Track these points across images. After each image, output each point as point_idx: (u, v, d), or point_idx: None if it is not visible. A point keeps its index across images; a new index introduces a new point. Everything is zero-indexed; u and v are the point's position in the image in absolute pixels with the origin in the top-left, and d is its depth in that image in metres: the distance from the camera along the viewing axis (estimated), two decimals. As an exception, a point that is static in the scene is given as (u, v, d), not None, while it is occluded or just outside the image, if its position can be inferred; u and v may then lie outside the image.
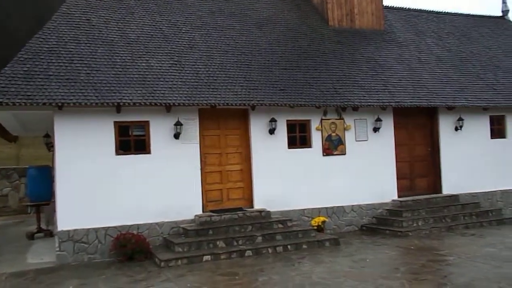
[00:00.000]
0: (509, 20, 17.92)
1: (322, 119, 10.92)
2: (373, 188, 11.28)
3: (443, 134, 12.40)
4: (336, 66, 11.98)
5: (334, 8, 13.22)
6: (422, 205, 11.33)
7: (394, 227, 10.51)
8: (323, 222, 10.10)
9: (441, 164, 12.31)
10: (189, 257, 7.99)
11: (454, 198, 11.96)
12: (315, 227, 9.91)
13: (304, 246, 8.93)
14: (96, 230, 8.77)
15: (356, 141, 11.27)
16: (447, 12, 16.68)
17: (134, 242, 8.42)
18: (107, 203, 8.82)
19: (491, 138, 13.12)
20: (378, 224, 11.04)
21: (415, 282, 6.62)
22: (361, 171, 11.18)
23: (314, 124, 10.87)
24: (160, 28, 10.89)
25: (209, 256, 8.11)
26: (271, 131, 10.28)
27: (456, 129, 12.48)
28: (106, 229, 8.82)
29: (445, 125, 12.43)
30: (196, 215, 9.42)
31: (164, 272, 7.61)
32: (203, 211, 9.62)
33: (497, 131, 13.29)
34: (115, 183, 8.92)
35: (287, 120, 10.56)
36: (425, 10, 16.15)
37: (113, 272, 7.81)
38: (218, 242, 8.57)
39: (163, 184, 9.25)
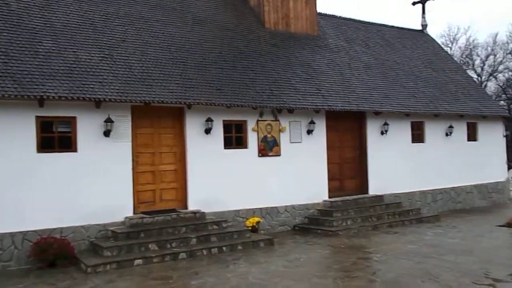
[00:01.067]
0: (428, 34, 19.40)
1: (258, 120, 10.95)
2: (305, 189, 11.53)
3: (370, 138, 13.04)
4: (272, 68, 12.10)
5: (271, 11, 13.36)
6: (351, 205, 11.80)
7: (325, 226, 10.83)
8: (258, 222, 10.12)
9: (368, 166, 12.93)
10: (119, 262, 7.56)
11: (379, 198, 12.61)
12: (250, 228, 9.90)
13: (239, 247, 8.87)
14: (12, 234, 7.98)
15: (291, 142, 11.45)
16: (374, 23, 17.64)
17: (57, 247, 7.77)
18: (26, 204, 8.06)
19: (412, 142, 14.05)
20: (310, 224, 11.30)
21: (347, 280, 6.83)
22: (295, 172, 11.38)
23: (251, 125, 10.87)
24: (89, 18, 10.25)
25: (140, 260, 7.73)
26: (207, 131, 10.10)
27: (382, 133, 13.19)
28: (24, 233, 8.06)
29: (372, 129, 13.07)
30: (126, 217, 8.95)
31: (91, 278, 7.11)
32: (134, 213, 9.17)
33: (417, 136, 14.26)
34: (36, 183, 8.19)
35: (223, 120, 10.45)
36: (354, 19, 16.93)
37: (31, 281, 7.15)
38: (150, 245, 8.21)
39: (90, 184, 8.67)
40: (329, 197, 11.98)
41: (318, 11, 14.80)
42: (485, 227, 11.16)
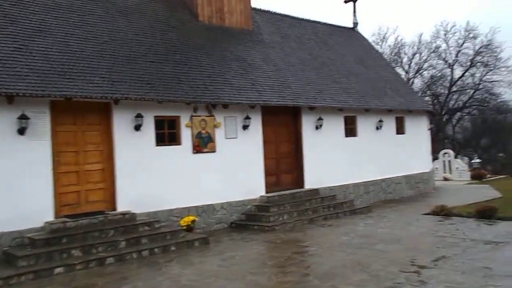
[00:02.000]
0: (359, 32, 20.06)
1: (192, 116, 10.62)
2: (242, 185, 11.40)
3: (306, 133, 13.18)
4: (206, 62, 11.80)
5: (204, 4, 13.04)
6: (287, 200, 11.85)
7: (262, 222, 10.77)
8: (193, 221, 9.81)
9: (304, 161, 13.06)
10: (37, 271, 6.92)
11: (314, 192, 12.79)
12: (185, 227, 9.57)
13: (173, 248, 8.53)
14: None
15: (226, 138, 11.25)
16: (308, 20, 17.89)
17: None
18: None
19: (345, 136, 14.41)
20: (247, 220, 11.19)
21: (281, 275, 6.78)
22: (231, 168, 11.20)
23: (184, 120, 10.52)
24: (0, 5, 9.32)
25: (61, 268, 7.13)
26: (137, 128, 9.61)
27: (317, 128, 13.38)
28: None
29: (307, 124, 13.21)
30: (46, 222, 8.25)
31: (4, 292, 6.46)
32: (55, 217, 8.47)
33: (350, 130, 14.66)
34: None
35: (155, 116, 10.00)
36: (289, 16, 17.05)
37: None
38: (73, 251, 7.62)
39: (2, 188, 7.87)
40: (266, 192, 11.94)
41: (252, 6, 14.71)
42: (412, 216, 11.69)
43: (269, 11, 16.22)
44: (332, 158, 13.70)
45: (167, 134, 10.29)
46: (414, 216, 11.62)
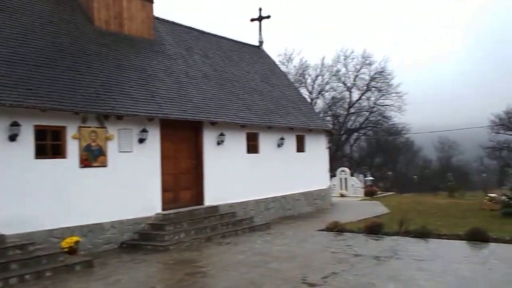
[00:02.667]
0: (264, 50, 20.54)
1: (80, 127, 9.73)
2: (136, 202, 10.69)
3: (207, 148, 12.90)
4: (100, 70, 11.00)
5: (101, 8, 12.23)
6: (184, 217, 11.38)
7: (156, 241, 10.16)
8: (76, 242, 8.88)
9: (204, 177, 12.74)
10: None
11: (214, 209, 12.51)
12: (67, 249, 8.62)
13: (48, 274, 7.58)
14: None
15: (120, 152, 10.51)
16: (214, 34, 17.85)
17: None
18: None
19: (247, 153, 14.43)
20: (140, 239, 10.49)
21: (169, 300, 6.32)
22: (124, 184, 10.45)
23: (71, 131, 9.59)
24: None
25: None
26: (12, 138, 8.51)
27: (218, 143, 13.18)
28: None
29: (208, 140, 12.96)
30: None
31: None
32: None
33: (252, 147, 14.73)
34: None
35: (35, 126, 8.96)
36: (194, 28, 16.83)
37: None
38: None
39: None
40: (163, 209, 11.36)
41: (156, 15, 14.22)
42: (308, 232, 11.95)
43: (173, 22, 15.83)
44: (233, 174, 13.58)
45: (49, 146, 9.28)
46: (310, 232, 11.89)
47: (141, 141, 10.94)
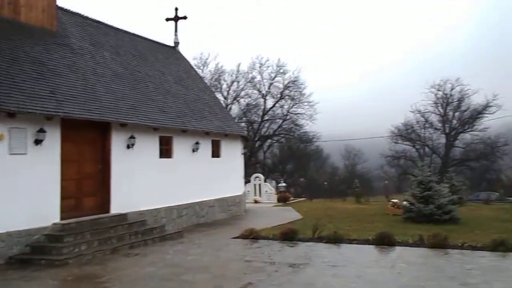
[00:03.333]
0: (179, 52, 19.86)
1: (-40, 124, 8.31)
2: (27, 210, 9.40)
3: (115, 151, 11.90)
4: (-12, 60, 9.57)
5: (-8, -10, 10.73)
6: (87, 227, 10.30)
7: (52, 255, 9.01)
8: (-50, 260, 7.49)
9: (111, 182, 11.71)
10: None
11: (122, 217, 11.55)
12: None
13: None
14: None
15: (11, 154, 9.18)
16: (127, 31, 16.80)
17: None
18: None
19: (160, 157, 13.67)
20: (33, 253, 9.23)
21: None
22: (13, 190, 9.14)
23: None
24: None
25: None
26: None
27: (128, 147, 12.25)
28: None
29: (117, 142, 11.97)
30: None
31: None
32: None
33: (165, 151, 13.99)
34: None
35: None
36: (104, 23, 15.65)
37: None
38: None
39: None
40: (62, 218, 10.16)
41: (59, 5, 12.91)
42: (223, 240, 11.56)
43: (80, 14, 14.54)
44: (144, 180, 12.74)
45: None
46: (225, 240, 11.51)
47: (38, 142, 9.69)
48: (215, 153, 16.53)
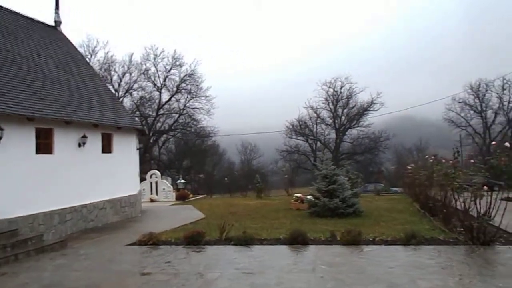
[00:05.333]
0: (62, 33, 17.24)
1: None
2: None
3: (-26, 146, 9.51)
4: None
5: None
6: None
7: None
8: None
9: (-32, 185, 9.31)
10: None
11: (-16, 228, 9.24)
12: None
13: None
14: None
15: None
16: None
17: None
18: None
19: (37, 153, 11.43)
20: None
21: None
22: None
23: None
24: None
25: None
26: None
27: (-7, 140, 9.90)
28: None
29: (-23, 135, 9.57)
30: None
31: None
32: None
33: (44, 146, 11.77)
34: None
35: None
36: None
37: None
38: None
39: None
40: None
41: None
42: (116, 248, 9.91)
43: None
44: (15, 180, 10.48)
45: None
46: (118, 248, 9.88)
47: None
48: (106, 148, 14.56)
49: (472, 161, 9.24)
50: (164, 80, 44.88)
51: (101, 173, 13.93)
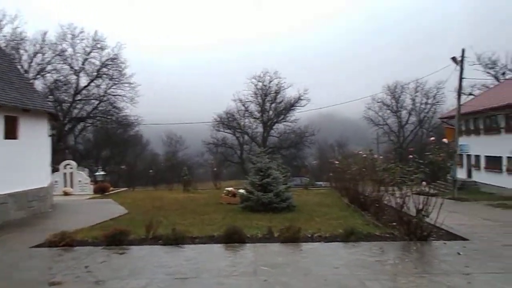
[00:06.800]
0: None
1: None
2: None
3: None
4: None
5: None
6: None
7: None
8: None
9: None
10: None
11: None
12: None
13: None
14: None
15: None
16: None
17: None
18: None
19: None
20: None
21: None
22: None
23: None
24: None
25: None
26: None
27: None
28: None
29: None
30: None
31: None
32: None
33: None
34: None
35: None
36: None
37: None
38: None
39: None
40: None
41: None
42: (20, 251, 8.37)
43: None
44: None
45: None
46: (23, 251, 8.36)
47: None
48: (10, 134, 12.57)
49: (410, 156, 9.13)
50: (83, 63, 41.43)
51: (2, 163, 11.98)
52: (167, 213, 13.24)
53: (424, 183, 8.64)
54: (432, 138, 12.93)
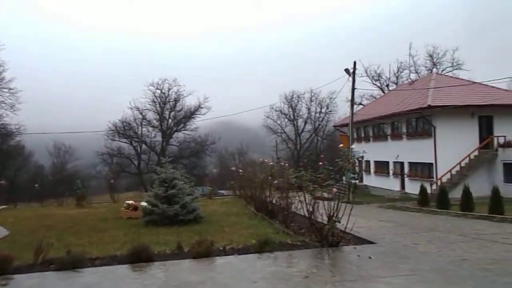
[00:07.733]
0: None
1: None
2: None
3: None
4: None
5: None
6: None
7: None
8: None
9: None
10: None
11: None
12: None
13: None
14: None
15: None
16: None
17: None
18: None
19: None
20: None
21: None
22: None
23: None
24: None
25: None
26: None
27: None
28: None
29: None
30: None
31: None
32: None
33: None
34: None
35: None
36: None
37: None
38: None
39: None
40: None
41: None
42: None
43: None
44: None
45: None
46: None
47: None
48: None
49: (321, 163, 9.28)
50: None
51: None
52: (59, 233, 11.78)
53: (334, 189, 8.82)
54: (341, 145, 13.47)
